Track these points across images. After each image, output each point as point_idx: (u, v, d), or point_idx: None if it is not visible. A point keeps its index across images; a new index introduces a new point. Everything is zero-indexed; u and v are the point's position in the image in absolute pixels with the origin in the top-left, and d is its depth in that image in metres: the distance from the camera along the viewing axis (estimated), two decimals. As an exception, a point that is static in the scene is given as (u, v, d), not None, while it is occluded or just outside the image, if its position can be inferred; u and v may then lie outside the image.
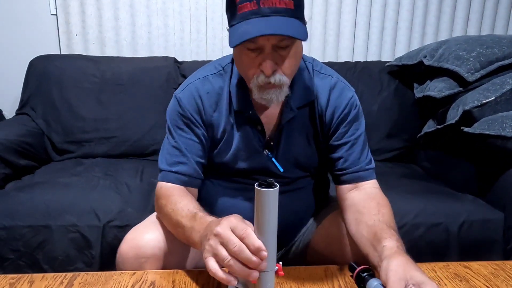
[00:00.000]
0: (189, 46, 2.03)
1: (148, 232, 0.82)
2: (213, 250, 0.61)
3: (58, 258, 1.18)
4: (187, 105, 0.87)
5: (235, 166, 0.90)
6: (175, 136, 0.88)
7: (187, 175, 0.86)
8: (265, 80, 0.76)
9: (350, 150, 0.90)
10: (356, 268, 0.72)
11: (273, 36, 0.72)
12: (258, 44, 0.74)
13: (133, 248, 0.80)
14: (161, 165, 0.88)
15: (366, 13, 2.07)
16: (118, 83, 1.75)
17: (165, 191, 0.85)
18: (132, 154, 1.72)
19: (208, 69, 0.91)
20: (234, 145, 0.88)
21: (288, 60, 0.77)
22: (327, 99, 0.89)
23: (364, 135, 0.92)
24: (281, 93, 0.79)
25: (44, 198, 1.25)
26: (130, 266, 0.80)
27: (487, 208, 1.30)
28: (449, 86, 1.54)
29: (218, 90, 0.88)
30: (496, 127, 1.28)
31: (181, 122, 0.87)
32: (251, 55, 0.76)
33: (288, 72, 0.78)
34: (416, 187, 1.44)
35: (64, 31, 1.94)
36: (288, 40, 0.74)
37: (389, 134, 1.78)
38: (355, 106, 0.90)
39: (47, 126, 1.71)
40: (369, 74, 1.85)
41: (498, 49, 1.51)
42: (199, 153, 0.88)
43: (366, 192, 0.88)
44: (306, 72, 0.90)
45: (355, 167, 0.89)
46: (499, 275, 0.78)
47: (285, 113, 0.87)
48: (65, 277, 0.75)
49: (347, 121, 0.89)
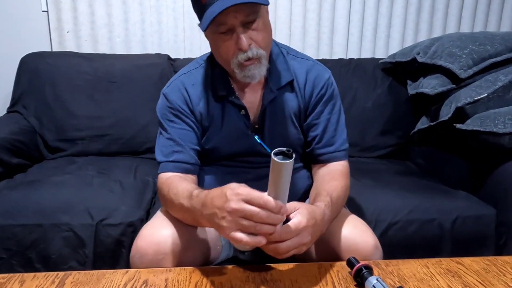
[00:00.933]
0: (183, 43, 2.02)
1: (166, 228, 0.82)
2: (237, 226, 0.64)
3: (51, 257, 1.17)
4: (174, 98, 0.92)
5: (224, 150, 0.94)
6: (167, 129, 0.92)
7: (184, 162, 0.90)
8: (244, 57, 0.82)
9: (325, 129, 0.95)
10: (355, 264, 0.72)
11: (239, 12, 0.78)
12: (228, 24, 0.80)
13: (152, 244, 0.80)
14: (158, 158, 0.93)
15: (360, 10, 2.07)
16: (111, 80, 1.74)
17: (165, 180, 0.88)
18: (125, 152, 1.71)
19: (190, 65, 0.98)
20: (222, 130, 0.93)
21: (260, 33, 0.83)
22: (305, 79, 0.95)
23: (338, 116, 0.97)
24: (262, 67, 0.85)
25: (36, 196, 1.24)
26: (148, 262, 0.79)
27: (480, 204, 1.31)
28: (442, 83, 1.54)
29: (202, 81, 0.94)
30: (488, 123, 1.28)
31: (171, 115, 0.92)
32: (225, 38, 0.82)
33: (262, 44, 0.84)
34: (410, 184, 1.45)
35: (56, 28, 1.92)
36: (254, 15, 0.81)
37: (383, 131, 1.79)
38: (331, 86, 0.96)
39: (40, 124, 1.70)
40: (363, 71, 1.85)
41: (491, 46, 1.52)
42: (193, 140, 0.92)
43: (329, 169, 0.94)
44: (281, 56, 0.95)
45: (329, 147, 0.95)
46: (491, 270, 0.79)
47: (266, 95, 0.92)
48: (57, 276, 0.74)
49: (324, 100, 0.95)
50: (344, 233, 0.85)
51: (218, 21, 0.79)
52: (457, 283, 0.74)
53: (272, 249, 0.68)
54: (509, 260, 0.83)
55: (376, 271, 0.77)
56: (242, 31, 0.81)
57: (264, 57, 0.85)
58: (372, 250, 0.83)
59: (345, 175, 0.94)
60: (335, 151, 0.95)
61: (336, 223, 0.88)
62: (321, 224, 0.74)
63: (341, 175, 0.93)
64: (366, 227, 0.89)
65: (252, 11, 0.80)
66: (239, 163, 0.96)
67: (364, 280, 0.70)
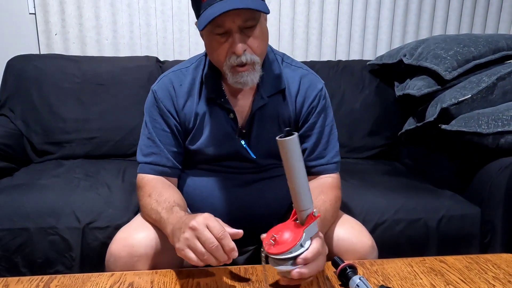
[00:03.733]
0: (172, 45, 2.02)
1: (140, 231, 0.82)
2: (189, 243, 0.66)
3: (37, 261, 1.16)
4: (161, 96, 0.92)
5: (208, 152, 0.94)
6: (149, 128, 0.92)
7: (161, 165, 0.91)
8: (237, 61, 0.82)
9: (317, 142, 0.95)
10: (340, 264, 0.73)
11: (237, 16, 0.78)
12: (225, 27, 0.79)
13: (126, 247, 0.80)
14: (138, 157, 0.94)
15: (348, 12, 2.09)
16: (99, 83, 1.73)
17: (145, 181, 0.90)
18: (114, 155, 1.70)
19: (181, 64, 0.98)
20: (206, 131, 0.92)
21: (256, 40, 0.83)
22: (297, 89, 0.94)
23: (331, 127, 0.97)
24: (255, 74, 0.84)
25: (22, 200, 1.23)
26: (122, 265, 0.79)
27: (465, 203, 1.33)
28: (428, 84, 1.57)
29: (191, 80, 0.93)
30: (473, 124, 1.30)
31: (156, 113, 0.92)
32: (220, 40, 0.82)
33: (257, 51, 0.84)
34: (397, 184, 1.46)
35: (43, 31, 1.90)
36: (252, 21, 0.80)
37: (371, 132, 1.81)
38: (324, 97, 0.95)
39: (26, 127, 1.68)
40: (351, 73, 1.87)
41: (475, 48, 1.54)
42: (172, 143, 0.92)
43: (319, 182, 0.94)
44: (276, 63, 0.95)
45: (321, 159, 0.95)
46: (473, 268, 0.80)
47: (256, 101, 0.92)
48: (41, 280, 0.74)
49: (316, 111, 0.94)
50: (341, 234, 0.87)
51: (216, 23, 0.79)
52: (440, 281, 0.75)
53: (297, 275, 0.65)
54: (491, 258, 0.84)
55: (361, 270, 0.78)
56: (238, 36, 0.80)
57: (258, 63, 0.84)
58: (369, 250, 0.85)
59: (335, 188, 0.93)
60: (326, 163, 0.95)
61: (333, 224, 0.89)
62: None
63: (331, 187, 0.92)
64: (363, 228, 0.91)
65: (251, 17, 0.80)
66: (223, 168, 0.95)
67: (348, 279, 0.70)
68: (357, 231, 0.88)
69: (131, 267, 0.79)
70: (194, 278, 0.75)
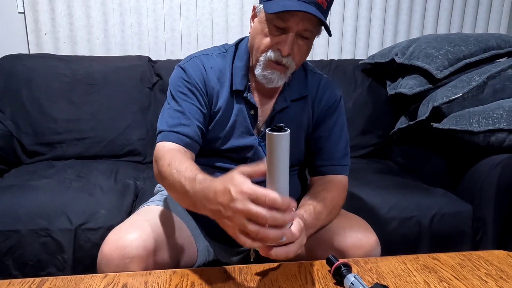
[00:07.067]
0: (164, 44, 2.01)
1: (132, 232, 0.81)
2: (241, 227, 0.60)
3: (29, 263, 1.15)
4: (193, 74, 0.91)
5: (226, 143, 0.93)
6: (178, 101, 0.89)
7: (189, 136, 0.87)
8: (277, 57, 0.83)
9: (328, 143, 0.96)
10: (334, 262, 0.73)
11: (302, 21, 0.80)
12: (287, 24, 0.81)
13: (118, 248, 0.78)
14: (161, 127, 0.88)
15: (340, 11, 2.09)
16: (90, 82, 1.71)
17: (167, 151, 0.83)
18: (106, 155, 1.68)
19: (211, 49, 0.97)
20: (229, 122, 0.92)
21: (301, 51, 0.85)
22: (316, 92, 0.97)
23: (343, 133, 0.98)
24: (282, 77, 0.86)
25: (13, 201, 1.21)
26: (114, 267, 0.78)
27: (457, 201, 1.35)
28: (420, 83, 1.58)
29: (221, 68, 0.93)
30: (464, 122, 1.32)
31: (185, 89, 0.90)
32: (274, 32, 0.83)
33: (297, 61, 0.86)
34: (390, 182, 1.47)
35: (33, 30, 1.88)
36: (310, 33, 0.83)
37: (363, 131, 1.82)
38: (340, 103, 0.98)
39: (16, 128, 1.66)
40: (343, 72, 1.88)
41: (465, 47, 1.56)
42: (200, 119, 0.90)
43: (324, 180, 0.94)
44: (303, 71, 0.97)
45: (329, 160, 0.96)
46: (465, 265, 0.81)
47: (279, 103, 0.93)
48: (33, 282, 0.73)
49: (331, 116, 0.97)
50: (347, 230, 0.87)
51: (282, 15, 0.80)
52: (433, 278, 0.76)
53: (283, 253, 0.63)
54: (483, 255, 0.85)
55: (355, 268, 0.79)
56: (293, 39, 0.82)
57: (291, 70, 0.87)
58: (375, 245, 0.86)
59: (340, 188, 0.93)
60: (336, 164, 0.96)
61: (338, 221, 0.90)
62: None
63: (335, 186, 0.92)
64: (367, 224, 0.91)
65: (311, 29, 0.82)
66: (234, 163, 0.93)
67: (343, 277, 0.71)
68: (362, 227, 0.88)
69: (123, 269, 0.77)
70: (189, 279, 0.74)
